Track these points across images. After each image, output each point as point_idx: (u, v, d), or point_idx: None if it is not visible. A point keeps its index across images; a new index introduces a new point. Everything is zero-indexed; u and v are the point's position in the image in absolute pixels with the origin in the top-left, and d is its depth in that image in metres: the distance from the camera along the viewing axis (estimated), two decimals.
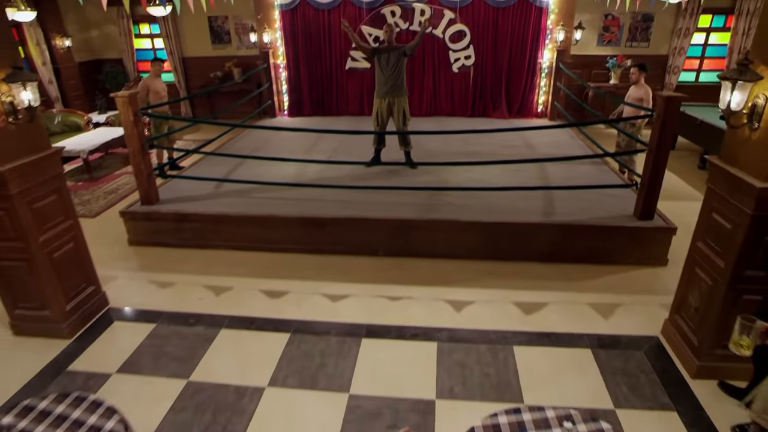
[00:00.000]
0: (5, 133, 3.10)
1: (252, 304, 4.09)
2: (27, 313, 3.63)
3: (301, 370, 3.33)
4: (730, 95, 2.66)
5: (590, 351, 3.50)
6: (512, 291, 4.18)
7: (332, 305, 4.05)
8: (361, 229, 4.72)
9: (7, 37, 3.14)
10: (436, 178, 5.63)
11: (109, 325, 3.90)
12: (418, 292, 4.17)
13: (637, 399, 3.09)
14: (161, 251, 4.95)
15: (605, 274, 4.42)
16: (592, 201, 4.94)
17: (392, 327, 3.74)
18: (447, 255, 4.66)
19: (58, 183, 3.54)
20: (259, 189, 5.27)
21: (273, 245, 4.84)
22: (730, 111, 2.71)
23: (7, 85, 3.03)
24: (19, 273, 3.46)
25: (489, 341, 3.59)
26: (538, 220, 4.67)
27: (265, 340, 3.65)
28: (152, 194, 5.03)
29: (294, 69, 8.81)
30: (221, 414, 3.00)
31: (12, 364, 3.45)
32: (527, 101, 8.65)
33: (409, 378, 3.24)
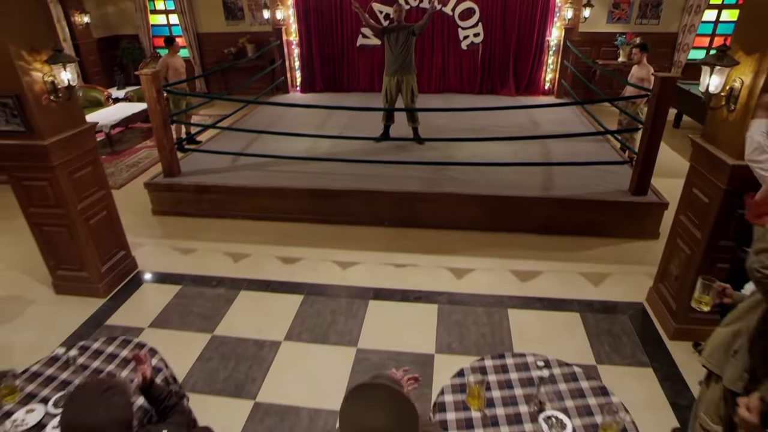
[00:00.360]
0: (47, 110, 3.42)
1: (268, 268, 4.44)
2: (67, 273, 4.02)
3: (314, 327, 3.69)
4: (709, 79, 2.89)
5: (579, 315, 3.81)
6: (510, 260, 4.49)
7: (342, 271, 4.39)
8: (370, 201, 5.03)
9: (48, 21, 3.43)
10: (442, 153, 5.88)
11: (139, 286, 4.28)
12: (422, 260, 4.49)
13: (618, 356, 3.41)
14: (183, 220, 5.31)
15: (599, 246, 4.70)
16: (590, 177, 5.18)
17: (397, 290, 4.08)
18: (450, 226, 4.96)
19: (92, 155, 3.88)
20: (273, 162, 5.57)
21: (287, 215, 5.16)
22: (710, 94, 2.94)
23: (49, 66, 3.33)
24: (60, 237, 3.83)
25: (486, 304, 3.91)
26: (537, 194, 4.94)
27: (280, 300, 4.01)
28: (174, 167, 5.36)
29: (306, 46, 9.00)
30: (243, 363, 3.38)
31: (56, 318, 3.85)
32: (534, 79, 8.80)
33: (412, 335, 3.58)
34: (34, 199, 3.66)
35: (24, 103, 3.27)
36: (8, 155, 3.47)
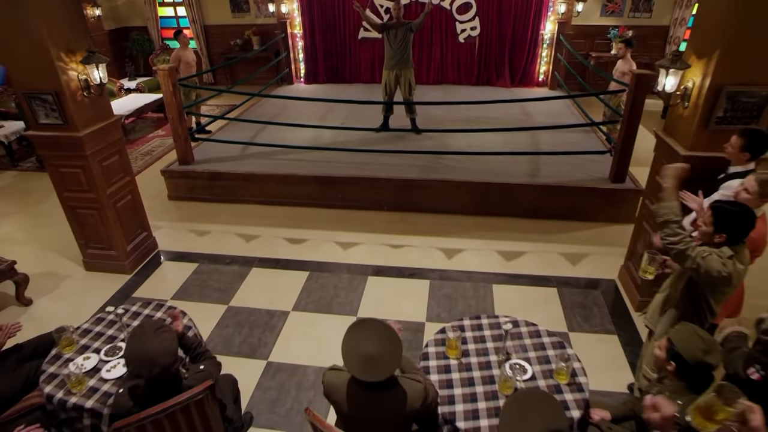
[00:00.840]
0: (81, 105, 3.83)
1: (277, 248, 4.89)
2: (97, 252, 4.47)
3: (318, 299, 4.14)
4: (665, 79, 3.29)
5: (556, 290, 4.25)
6: (497, 241, 4.92)
7: (344, 250, 4.83)
8: (370, 187, 5.45)
9: (83, 25, 3.83)
10: (438, 143, 6.28)
11: (159, 264, 4.74)
12: (417, 241, 4.93)
13: (588, 325, 3.86)
14: (197, 205, 5.74)
15: (579, 229, 5.12)
16: (574, 165, 5.58)
17: (393, 268, 4.52)
18: (443, 210, 5.38)
19: (119, 145, 4.30)
20: (280, 151, 5.99)
21: (293, 200, 5.60)
22: (666, 93, 3.34)
23: (83, 65, 3.75)
24: (91, 219, 4.27)
25: (473, 280, 4.35)
26: (524, 181, 5.35)
27: (288, 276, 4.46)
28: (188, 155, 5.78)
29: (310, 38, 9.36)
30: (256, 330, 3.83)
31: (88, 292, 4.31)
32: (529, 71, 9.15)
33: (406, 306, 4.03)
34: (69, 184, 4.09)
35: (62, 99, 3.69)
36: (47, 145, 3.90)
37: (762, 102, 3.06)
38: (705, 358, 1.88)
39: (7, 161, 7.18)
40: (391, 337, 1.81)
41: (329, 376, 2.07)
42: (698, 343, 1.91)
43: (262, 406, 3.17)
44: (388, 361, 1.77)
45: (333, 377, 2.04)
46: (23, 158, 7.31)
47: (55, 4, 3.51)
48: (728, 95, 3.05)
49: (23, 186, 6.60)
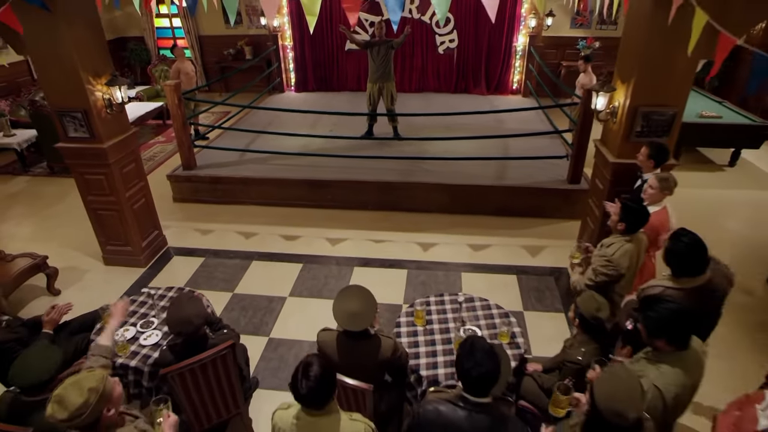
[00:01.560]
0: (105, 120, 4.45)
1: (273, 244, 5.54)
2: (115, 248, 5.08)
3: (311, 287, 4.80)
4: (596, 100, 4.00)
5: (515, 276, 4.95)
6: (467, 236, 5.60)
7: (332, 245, 5.49)
8: (355, 189, 6.11)
9: (106, 53, 4.44)
10: (417, 148, 6.95)
11: (170, 258, 5.36)
12: (397, 237, 5.60)
13: (540, 305, 4.56)
14: (200, 206, 6.36)
15: (540, 225, 5.83)
16: (537, 168, 6.29)
17: (376, 259, 5.19)
18: (421, 209, 6.06)
19: (135, 154, 4.92)
20: (275, 157, 6.62)
21: (287, 201, 6.24)
22: (597, 111, 4.05)
23: (108, 87, 4.37)
24: (111, 220, 4.88)
25: (444, 270, 5.04)
26: (493, 183, 6.05)
27: (284, 268, 5.11)
28: (192, 161, 6.40)
29: (300, 50, 10.00)
30: (258, 312, 4.48)
31: (108, 283, 4.92)
32: (503, 79, 9.89)
33: (386, 292, 4.68)
34: (93, 189, 4.70)
35: (89, 116, 4.30)
36: (75, 155, 4.51)
37: (670, 120, 3.78)
38: (597, 314, 2.58)
39: (19, 167, 7.73)
40: (368, 297, 2.50)
41: (322, 335, 2.73)
42: (593, 303, 2.61)
43: (266, 373, 3.82)
44: (366, 315, 2.45)
45: (325, 336, 2.70)
46: (34, 164, 7.85)
47: (84, 37, 4.12)
48: (643, 114, 3.77)
49: (36, 190, 7.15)
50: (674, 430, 2.20)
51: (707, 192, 6.68)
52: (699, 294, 2.54)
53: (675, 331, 2.04)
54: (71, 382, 1.85)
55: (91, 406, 1.80)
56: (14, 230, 5.95)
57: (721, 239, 5.39)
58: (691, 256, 2.52)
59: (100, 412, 1.84)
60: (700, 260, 2.53)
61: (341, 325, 2.50)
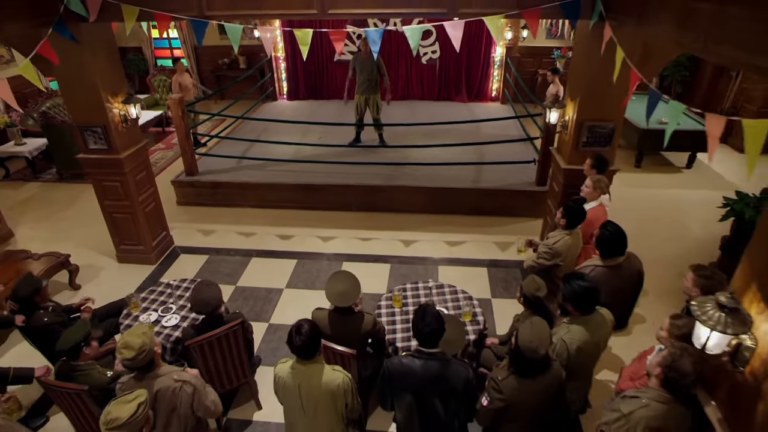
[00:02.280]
0: (121, 134, 5.03)
1: (270, 242, 6.14)
2: (128, 247, 5.66)
3: (305, 279, 5.42)
4: (549, 115, 4.66)
5: (486, 269, 5.60)
6: (444, 234, 6.25)
7: (323, 243, 6.11)
8: (344, 192, 6.74)
9: (122, 75, 5.02)
10: (401, 154, 7.59)
11: (177, 256, 5.94)
12: (381, 235, 6.24)
13: (506, 293, 5.20)
14: (202, 209, 6.95)
15: (509, 223, 6.48)
16: (509, 172, 6.95)
17: (362, 255, 5.82)
18: (403, 210, 6.69)
19: (146, 163, 5.51)
20: (269, 163, 7.23)
21: (282, 204, 6.85)
22: (551, 124, 4.71)
23: (124, 104, 4.95)
24: (125, 222, 5.46)
25: (423, 263, 5.67)
26: (468, 185, 6.69)
27: (281, 263, 5.72)
28: (194, 168, 6.99)
29: (291, 60, 10.60)
30: (258, 302, 5.08)
31: (123, 279, 5.49)
32: (483, 88, 10.56)
33: (372, 283, 5.30)
34: (109, 195, 5.28)
35: (107, 130, 4.88)
36: (95, 164, 5.09)
37: (610, 132, 4.45)
38: (536, 293, 3.22)
39: (29, 173, 8.26)
40: (353, 279, 3.12)
41: (316, 313, 3.34)
42: (533, 284, 3.25)
43: (267, 352, 4.44)
44: (351, 293, 3.07)
45: (318, 313, 3.32)
46: (43, 170, 8.38)
47: (104, 62, 4.71)
48: (588, 127, 4.43)
49: (47, 195, 7.69)
50: (592, 379, 2.86)
51: (666, 192, 7.37)
52: (619, 269, 3.24)
53: (580, 300, 2.70)
54: (129, 332, 2.49)
55: (147, 347, 2.44)
56: (32, 233, 6.49)
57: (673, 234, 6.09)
58: (613, 241, 3.20)
59: (153, 353, 2.47)
60: (620, 245, 3.22)
61: (332, 302, 3.12)
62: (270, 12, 4.66)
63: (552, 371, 2.47)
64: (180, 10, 4.32)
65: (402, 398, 2.52)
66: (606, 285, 3.17)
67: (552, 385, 2.48)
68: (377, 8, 4.53)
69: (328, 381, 2.51)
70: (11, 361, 4.09)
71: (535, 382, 2.42)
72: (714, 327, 1.95)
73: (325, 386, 2.50)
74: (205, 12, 4.36)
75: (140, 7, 4.22)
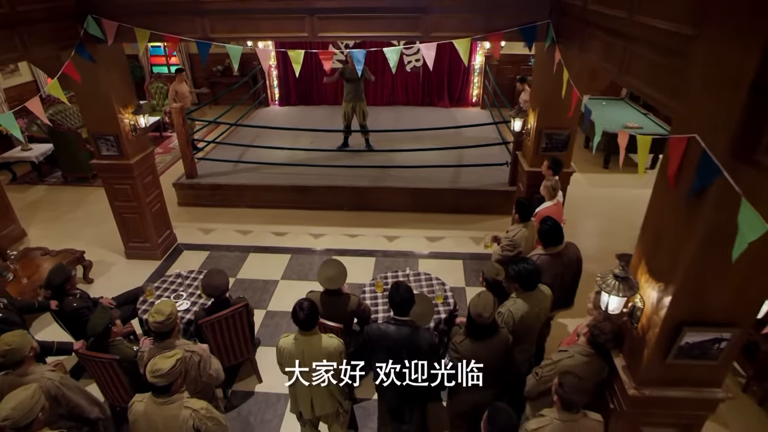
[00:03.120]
0: (131, 141, 5.58)
1: (266, 239, 6.71)
2: (136, 245, 6.20)
3: (299, 272, 6.00)
4: (513, 123, 5.28)
5: (462, 261, 6.21)
6: (425, 230, 6.86)
7: (315, 239, 6.69)
8: (333, 193, 7.32)
9: (131, 88, 5.57)
10: (386, 158, 8.17)
11: (180, 253, 6.49)
12: (368, 232, 6.83)
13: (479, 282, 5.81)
14: (202, 209, 7.50)
15: (484, 221, 7.10)
16: (485, 173, 7.57)
17: (351, 250, 6.41)
18: (388, 209, 7.29)
19: (153, 168, 6.05)
20: (264, 167, 7.79)
21: (276, 204, 7.42)
22: (515, 131, 5.34)
23: (133, 115, 5.50)
24: (134, 222, 6.00)
25: (405, 257, 6.28)
26: (448, 186, 7.31)
27: (276, 258, 6.29)
28: (193, 171, 7.54)
29: (283, 68, 11.17)
30: (257, 292, 5.65)
31: (131, 273, 6.03)
32: (464, 94, 11.21)
33: (359, 274, 5.87)
34: (119, 197, 5.82)
35: (119, 138, 5.42)
36: (107, 169, 5.62)
37: (566, 139, 5.09)
38: (495, 277, 3.82)
39: (35, 177, 8.75)
40: (340, 266, 3.71)
41: (310, 295, 3.91)
42: (493, 270, 3.86)
43: (266, 335, 5.01)
44: (339, 278, 3.66)
45: (312, 295, 3.89)
46: (48, 174, 8.87)
47: (117, 78, 5.26)
48: (546, 134, 5.07)
49: (54, 198, 8.19)
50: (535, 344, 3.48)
51: (628, 191, 8.04)
52: (560, 256, 3.86)
53: (524, 280, 3.32)
54: (160, 303, 3.06)
55: (173, 315, 3.02)
56: (44, 233, 7.00)
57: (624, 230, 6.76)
58: (552, 233, 3.82)
59: (176, 323, 3.05)
60: (558, 236, 3.83)
61: (322, 285, 3.71)
62: (266, 35, 5.21)
63: (499, 335, 3.08)
64: (186, 32, 4.89)
65: (379, 357, 3.11)
66: (549, 270, 3.81)
67: (500, 348, 3.09)
68: (361, 32, 5.09)
69: (326, 345, 3.10)
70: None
71: (485, 344, 3.03)
72: (611, 292, 2.58)
73: (325, 349, 3.08)
74: (209, 34, 4.94)
75: (151, 31, 4.77)
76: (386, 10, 4.83)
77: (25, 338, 2.90)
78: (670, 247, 2.36)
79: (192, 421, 2.59)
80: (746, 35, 1.82)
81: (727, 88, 1.93)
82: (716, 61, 2.01)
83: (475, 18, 4.78)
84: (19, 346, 2.83)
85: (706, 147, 2.01)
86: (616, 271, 2.61)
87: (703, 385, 2.62)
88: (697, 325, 2.37)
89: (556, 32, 4.46)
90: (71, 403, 3.00)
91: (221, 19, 4.87)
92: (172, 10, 4.78)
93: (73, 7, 4.63)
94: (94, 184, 8.44)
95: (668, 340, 2.45)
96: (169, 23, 4.82)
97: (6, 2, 3.93)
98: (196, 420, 2.60)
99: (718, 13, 2.00)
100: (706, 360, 2.50)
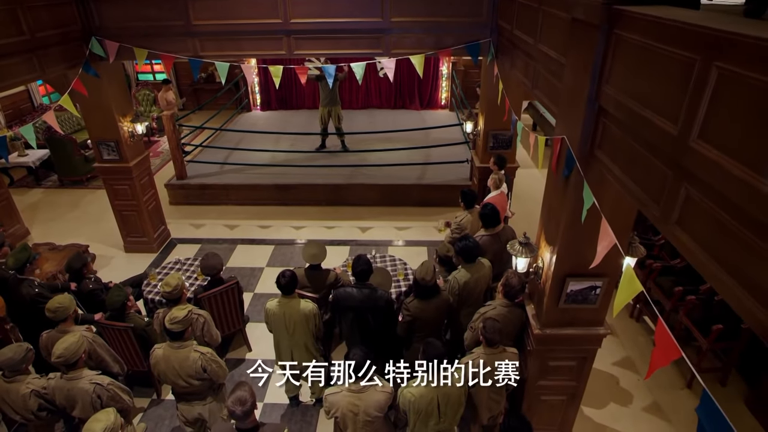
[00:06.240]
0: (129, 146, 6.28)
1: (252, 232, 7.46)
2: (134, 239, 6.90)
3: (282, 260, 6.76)
4: (466, 125, 6.12)
5: (426, 248, 7.04)
6: (395, 222, 7.67)
7: (296, 231, 7.46)
8: (312, 190, 8.10)
9: (129, 98, 6.27)
10: (360, 158, 8.97)
11: (174, 246, 7.20)
12: (343, 224, 7.62)
13: None
14: (192, 207, 8.20)
15: (448, 212, 7.90)
16: (449, 170, 8.40)
17: (328, 240, 7.19)
18: (362, 204, 8.08)
19: (149, 170, 6.76)
20: (248, 168, 8.52)
21: (260, 201, 8.16)
22: (467, 132, 6.18)
23: (131, 123, 6.21)
24: (132, 218, 6.70)
25: (377, 245, 7.08)
26: (415, 182, 8.14)
27: (261, 249, 7.04)
28: (183, 173, 8.24)
29: (263, 74, 11.87)
30: (245, 278, 6.40)
31: (131, 265, 6.71)
32: (434, 97, 12.07)
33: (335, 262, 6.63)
34: (119, 196, 6.51)
35: (119, 143, 6.12)
36: (108, 172, 6.32)
37: (509, 139, 5.94)
38: (447, 254, 4.64)
39: (32, 180, 9.34)
40: (321, 246, 4.50)
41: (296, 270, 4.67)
42: (445, 248, 4.68)
43: (254, 313, 5.77)
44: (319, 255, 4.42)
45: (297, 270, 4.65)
46: (44, 178, 9.46)
47: (117, 90, 5.97)
48: (492, 135, 5.92)
49: (51, 200, 8.80)
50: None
51: None
52: (498, 236, 4.69)
53: (465, 254, 4.13)
54: (169, 276, 3.80)
55: (180, 286, 3.76)
56: (46, 231, 7.64)
57: None
58: (490, 216, 4.64)
59: (182, 293, 3.80)
60: (495, 218, 4.65)
61: (306, 260, 4.47)
62: (249, 53, 5.94)
63: (441, 296, 3.90)
64: (180, 51, 5.60)
65: (346, 315, 3.91)
66: (490, 248, 4.64)
67: (441, 306, 3.91)
68: (331, 50, 5.86)
69: (303, 308, 3.88)
70: None
71: (430, 303, 3.85)
72: (517, 254, 3.42)
73: (302, 311, 3.87)
74: (199, 53, 5.66)
75: (149, 50, 5.49)
76: (352, 31, 5.62)
77: (72, 302, 3.64)
78: (556, 218, 3.20)
79: (200, 361, 3.36)
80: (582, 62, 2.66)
81: (576, 103, 2.77)
82: (571, 82, 2.85)
83: (427, 37, 5.60)
84: (67, 306, 3.58)
85: (569, 144, 2.85)
86: (521, 239, 3.46)
87: (589, 324, 3.47)
88: (577, 276, 3.21)
89: (496, 50, 5.30)
90: (99, 357, 3.73)
91: (210, 39, 5.58)
92: (167, 32, 5.49)
93: (79, 30, 5.33)
94: (89, 186, 9.09)
95: (558, 289, 3.29)
96: (164, 43, 5.53)
97: (27, 30, 4.62)
98: (203, 361, 3.36)
99: (572, 46, 2.84)
100: (587, 304, 3.35)
